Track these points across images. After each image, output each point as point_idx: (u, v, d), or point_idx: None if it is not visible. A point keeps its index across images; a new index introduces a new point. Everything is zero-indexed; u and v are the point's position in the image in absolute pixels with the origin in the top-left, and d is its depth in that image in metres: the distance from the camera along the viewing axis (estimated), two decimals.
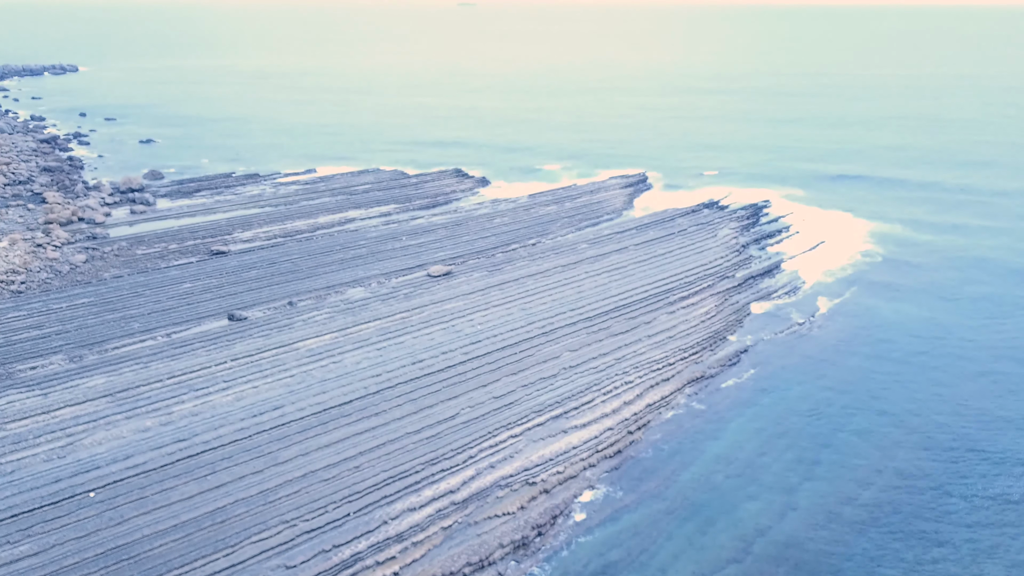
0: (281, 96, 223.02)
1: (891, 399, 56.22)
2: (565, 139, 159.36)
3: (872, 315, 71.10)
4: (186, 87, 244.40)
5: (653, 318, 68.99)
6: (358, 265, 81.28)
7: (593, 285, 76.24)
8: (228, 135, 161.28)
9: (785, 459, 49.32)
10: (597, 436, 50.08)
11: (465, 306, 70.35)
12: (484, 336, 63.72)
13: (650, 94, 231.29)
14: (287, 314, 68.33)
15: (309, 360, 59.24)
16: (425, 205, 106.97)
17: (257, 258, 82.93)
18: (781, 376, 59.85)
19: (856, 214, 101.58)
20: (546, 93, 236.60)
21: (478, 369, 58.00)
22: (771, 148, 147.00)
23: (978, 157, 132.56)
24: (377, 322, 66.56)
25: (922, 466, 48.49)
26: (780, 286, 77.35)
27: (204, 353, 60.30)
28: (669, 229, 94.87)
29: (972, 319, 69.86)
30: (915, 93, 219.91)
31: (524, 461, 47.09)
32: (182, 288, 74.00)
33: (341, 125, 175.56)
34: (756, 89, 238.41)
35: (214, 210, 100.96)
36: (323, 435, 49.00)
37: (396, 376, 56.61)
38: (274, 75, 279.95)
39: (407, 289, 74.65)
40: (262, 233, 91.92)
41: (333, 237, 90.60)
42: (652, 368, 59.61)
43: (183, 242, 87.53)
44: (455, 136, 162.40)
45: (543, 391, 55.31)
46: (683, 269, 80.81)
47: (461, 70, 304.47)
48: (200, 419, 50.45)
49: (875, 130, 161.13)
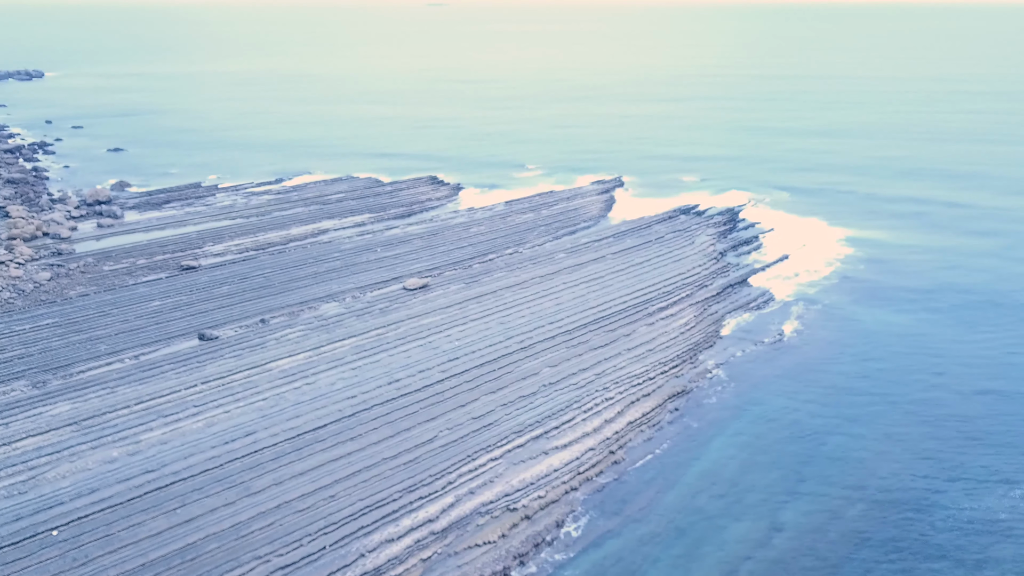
0: (254, 102, 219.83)
1: (872, 412, 55.78)
2: (540, 144, 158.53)
3: (852, 324, 70.81)
4: (157, 93, 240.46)
5: (632, 330, 68.22)
6: (332, 279, 79.77)
7: (572, 296, 75.35)
8: (200, 143, 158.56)
9: (769, 477, 48.67)
10: (579, 458, 49.12)
11: (442, 320, 69.16)
12: (462, 352, 62.57)
13: (626, 99, 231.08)
14: (259, 332, 66.73)
15: (282, 381, 57.76)
16: (400, 214, 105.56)
17: (228, 273, 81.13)
18: (762, 389, 59.27)
19: (832, 222, 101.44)
20: (519, 97, 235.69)
21: (456, 388, 56.84)
22: (747, 154, 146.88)
23: (957, 167, 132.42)
24: (352, 339, 65.16)
25: (905, 481, 48.04)
26: (758, 295, 76.89)
27: (174, 376, 58.59)
28: (646, 236, 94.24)
29: (952, 328, 69.66)
30: (896, 99, 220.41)
31: (505, 486, 46.02)
32: (151, 306, 72.11)
33: (314, 132, 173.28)
34: (734, 94, 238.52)
35: (184, 222, 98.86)
36: (297, 462, 47.60)
37: (372, 397, 55.29)
38: (246, 81, 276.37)
39: (383, 303, 73.29)
40: (233, 246, 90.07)
41: (306, 249, 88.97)
42: (632, 383, 58.78)
43: (152, 257, 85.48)
44: (429, 142, 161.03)
45: (523, 410, 54.27)
46: (661, 278, 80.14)
47: (434, 75, 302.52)
48: (169, 448, 48.83)
49: (854, 138, 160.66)
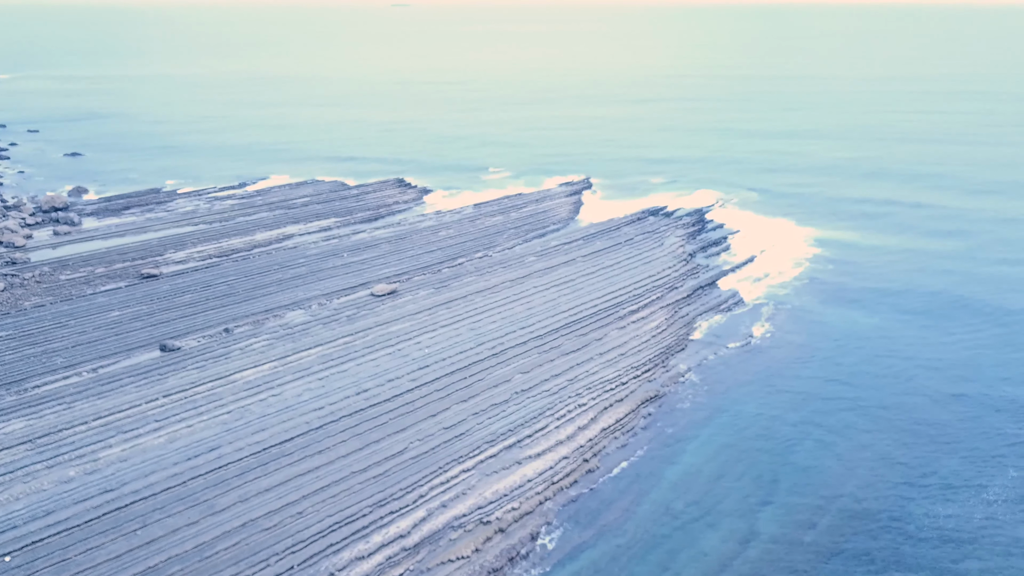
0: (216, 106, 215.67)
1: (844, 417, 55.67)
2: (508, 146, 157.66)
3: (821, 326, 70.88)
4: (116, 96, 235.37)
5: (604, 334, 67.65)
6: (298, 286, 78.18)
7: (542, 300, 74.60)
8: (161, 147, 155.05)
9: (744, 482, 48.31)
10: (552, 467, 48.34)
11: (411, 327, 67.99)
12: (432, 360, 61.49)
13: (592, 101, 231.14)
14: (223, 342, 65.04)
15: (247, 393, 56.23)
16: (367, 218, 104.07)
17: (191, 281, 79.14)
18: (735, 393, 59.00)
19: (800, 222, 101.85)
20: (486, 99, 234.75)
21: (427, 397, 55.77)
22: (715, 155, 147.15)
23: (922, 168, 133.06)
24: (319, 348, 63.76)
25: (878, 487, 47.92)
26: (728, 297, 76.78)
27: (134, 389, 56.76)
28: (616, 239, 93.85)
29: (920, 330, 69.87)
30: (862, 99, 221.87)
31: (477, 498, 45.07)
32: (110, 317, 69.99)
33: (278, 135, 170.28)
34: (700, 95, 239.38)
35: (145, 229, 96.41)
36: (263, 478, 46.22)
37: (340, 408, 54.01)
38: (208, 83, 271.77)
39: (350, 310, 71.92)
40: (196, 253, 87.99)
41: (271, 255, 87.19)
42: (605, 388, 58.16)
43: (111, 265, 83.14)
44: (395, 145, 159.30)
45: (495, 419, 53.36)
46: (632, 281, 79.73)
47: (399, 77, 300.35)
48: (129, 465, 47.15)
49: (820, 139, 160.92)
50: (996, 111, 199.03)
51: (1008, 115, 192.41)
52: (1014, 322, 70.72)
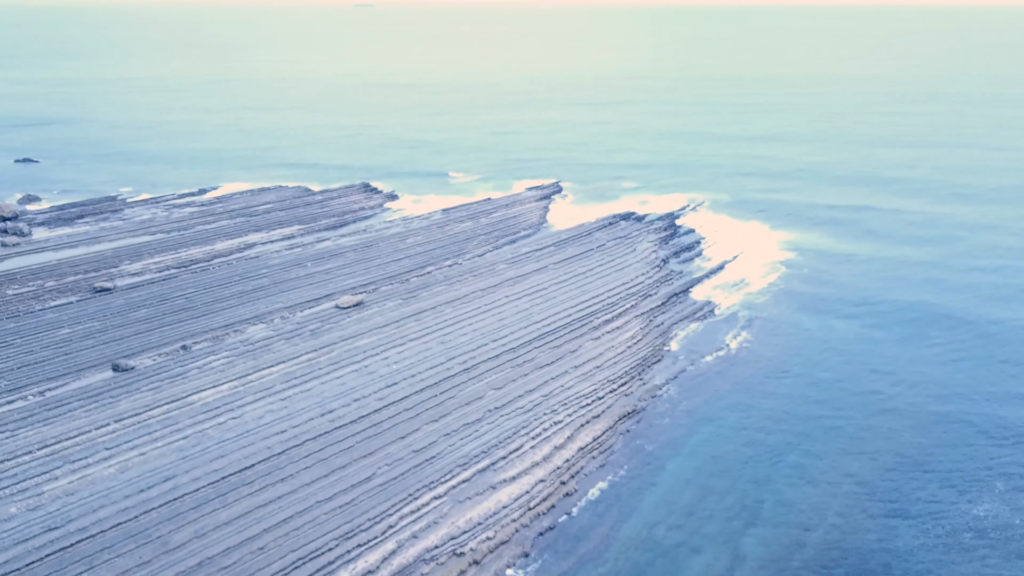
0: (175, 111, 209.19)
1: (825, 431, 54.18)
2: (475, 150, 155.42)
3: (799, 332, 69.65)
4: (73, 99, 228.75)
5: (578, 346, 65.64)
6: (259, 298, 75.14)
7: (514, 311, 72.41)
8: (118, 153, 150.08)
9: (727, 503, 46.53)
10: (528, 491, 46.14)
11: (379, 341, 65.38)
12: (401, 377, 58.98)
13: (560, 104, 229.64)
14: (180, 360, 61.89)
15: (205, 416, 53.27)
16: (332, 225, 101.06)
17: (147, 294, 75.71)
18: (714, 406, 57.32)
19: (773, 226, 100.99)
20: (453, 102, 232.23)
21: (395, 418, 53.26)
22: (685, 159, 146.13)
23: (894, 172, 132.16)
24: (281, 366, 60.90)
25: (864, 502, 46.49)
26: (703, 305, 75.22)
27: (83, 414, 53.50)
28: (587, 244, 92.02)
29: (899, 340, 68.64)
30: (837, 102, 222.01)
31: (450, 528, 42.72)
32: (59, 334, 66.41)
33: (239, 141, 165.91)
34: (669, 97, 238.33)
35: (98, 239, 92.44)
36: (221, 510, 43.41)
37: (304, 431, 51.31)
38: (167, 87, 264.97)
39: (314, 324, 69.08)
40: (153, 264, 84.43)
41: (232, 266, 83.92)
42: (581, 404, 56.14)
43: (62, 278, 79.31)
44: (361, 149, 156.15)
45: (467, 439, 51.03)
46: (605, 289, 77.89)
47: (364, 79, 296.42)
48: (76, 500, 44.04)
49: (791, 143, 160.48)
50: (966, 113, 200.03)
51: (977, 117, 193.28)
52: (992, 333, 69.62)
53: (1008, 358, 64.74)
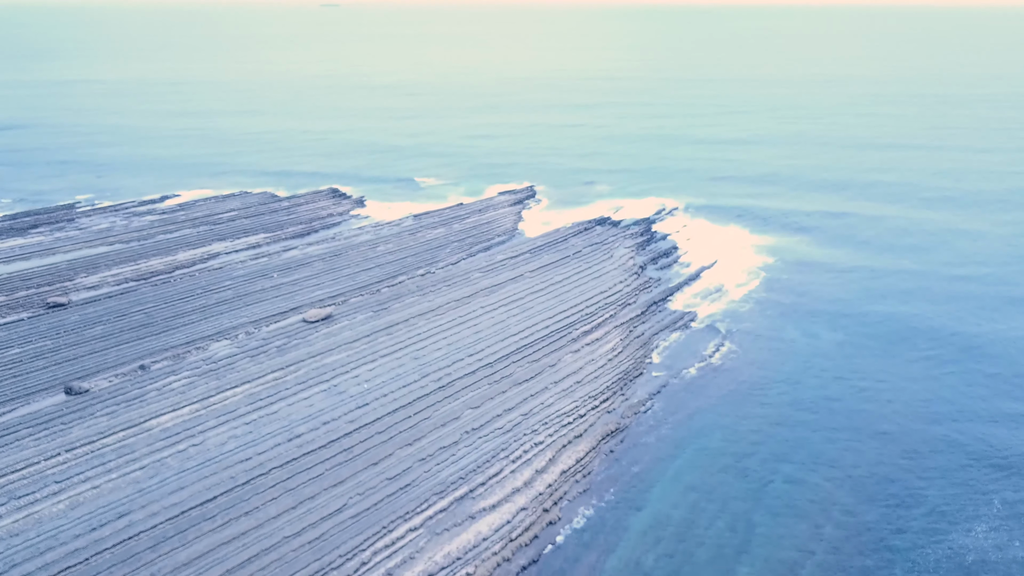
0: (136, 115, 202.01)
1: (814, 448, 52.39)
2: (445, 153, 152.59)
3: (782, 341, 67.92)
4: (28, 103, 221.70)
5: (558, 359, 63.27)
6: (223, 312, 71.80)
7: (491, 322, 69.86)
8: (76, 159, 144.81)
9: (718, 527, 44.44)
10: (510, 520, 43.64)
11: (348, 358, 62.46)
12: (372, 397, 56.15)
13: (531, 107, 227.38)
14: (138, 382, 58.48)
15: (164, 443, 50.06)
16: (299, 233, 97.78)
17: (103, 310, 71.98)
18: (699, 421, 55.27)
19: (751, 230, 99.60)
20: (423, 105, 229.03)
21: (367, 442, 50.46)
22: (660, 162, 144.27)
23: (874, 175, 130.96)
24: (246, 386, 57.76)
25: (860, 521, 44.68)
26: (683, 314, 73.28)
27: (32, 443, 50.00)
28: (564, 251, 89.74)
29: (881, 345, 67.41)
30: (812, 104, 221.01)
31: (427, 563, 40.08)
32: (8, 355, 62.57)
33: (203, 147, 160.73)
34: (644, 100, 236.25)
35: (53, 250, 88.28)
36: (180, 550, 40.37)
37: (269, 459, 48.34)
38: (127, 90, 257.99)
39: (280, 340, 65.95)
40: (110, 277, 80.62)
41: (194, 278, 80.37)
42: (562, 423, 53.77)
43: (12, 293, 75.27)
44: (328, 154, 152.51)
45: (444, 464, 48.41)
46: (583, 298, 75.66)
47: (331, 82, 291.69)
48: (20, 541, 40.72)
49: (765, 146, 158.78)
50: (945, 114, 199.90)
51: (955, 118, 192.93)
52: (976, 346, 67.71)
53: (994, 372, 63.28)
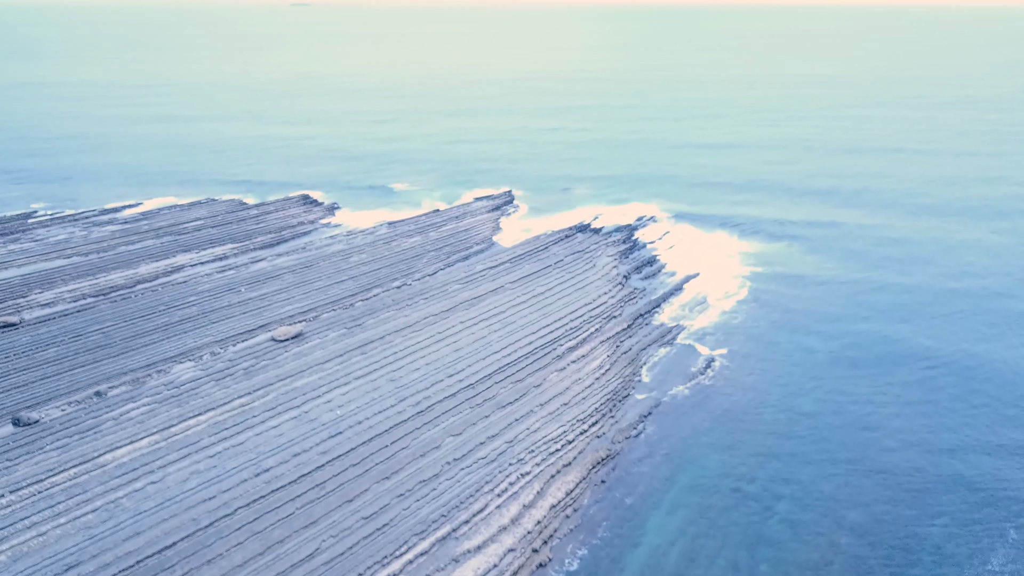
0: (97, 121, 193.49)
1: (812, 472, 49.72)
2: (420, 159, 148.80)
3: (773, 362, 64.94)
4: None
5: (543, 379, 60.05)
6: (187, 331, 67.72)
7: (471, 339, 66.46)
8: (32, 166, 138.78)
9: (719, 565, 41.55)
10: (497, 564, 40.35)
11: (320, 381, 58.76)
12: (346, 424, 52.56)
13: (509, 109, 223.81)
14: (93, 410, 54.38)
15: (119, 481, 46.15)
16: (268, 243, 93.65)
17: (58, 329, 67.60)
18: (694, 445, 52.38)
19: (735, 239, 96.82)
20: (395, 108, 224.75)
21: (341, 476, 46.90)
22: (640, 168, 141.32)
23: (857, 184, 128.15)
24: (210, 413, 53.90)
25: (866, 562, 41.87)
26: (672, 327, 70.40)
27: None
28: (545, 260, 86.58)
29: (874, 363, 64.83)
30: (796, 106, 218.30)
31: None
32: None
33: (169, 153, 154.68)
34: (625, 103, 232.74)
35: (5, 264, 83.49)
36: None
37: (235, 497, 44.62)
38: (87, 93, 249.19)
39: (247, 361, 62.06)
40: (67, 293, 76.13)
41: (157, 293, 76.14)
42: (550, 450, 50.57)
43: None
44: (298, 160, 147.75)
45: (424, 500, 44.99)
46: (567, 311, 72.52)
47: (301, 85, 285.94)
48: None
49: (748, 150, 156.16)
50: (932, 117, 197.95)
51: (943, 122, 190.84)
52: (973, 366, 64.84)
53: (994, 394, 60.66)
